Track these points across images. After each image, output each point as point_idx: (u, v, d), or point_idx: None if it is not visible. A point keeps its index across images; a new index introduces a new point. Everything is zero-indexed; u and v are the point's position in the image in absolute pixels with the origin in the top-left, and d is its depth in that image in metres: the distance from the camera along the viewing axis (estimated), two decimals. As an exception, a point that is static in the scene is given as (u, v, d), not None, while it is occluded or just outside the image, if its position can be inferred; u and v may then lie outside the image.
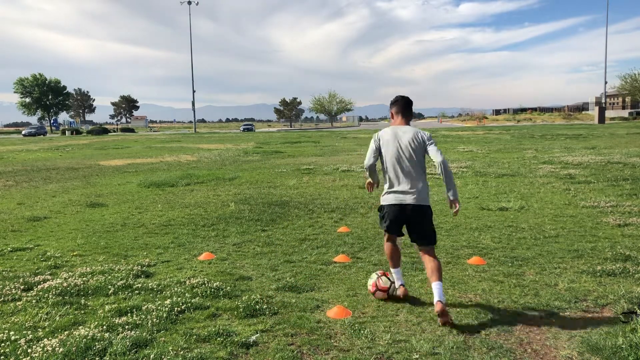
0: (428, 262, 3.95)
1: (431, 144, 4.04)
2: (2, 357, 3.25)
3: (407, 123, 4.17)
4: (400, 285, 4.21)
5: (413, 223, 4.03)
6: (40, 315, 3.95)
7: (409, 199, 3.95)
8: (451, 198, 3.97)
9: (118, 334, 3.52)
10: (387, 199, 4.08)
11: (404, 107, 4.17)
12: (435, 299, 3.71)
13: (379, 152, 4.12)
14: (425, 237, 4.03)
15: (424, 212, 4.00)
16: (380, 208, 4.19)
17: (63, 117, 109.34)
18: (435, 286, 3.78)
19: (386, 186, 4.10)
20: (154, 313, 3.90)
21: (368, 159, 4.16)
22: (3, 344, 3.40)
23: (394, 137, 4.05)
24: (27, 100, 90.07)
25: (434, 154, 3.99)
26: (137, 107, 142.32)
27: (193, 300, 4.16)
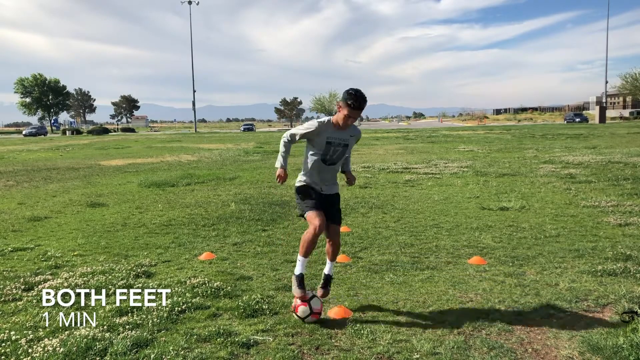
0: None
1: None
2: (3, 357, 3.26)
3: None
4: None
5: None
6: (41, 315, 3.95)
7: None
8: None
9: (119, 334, 3.52)
10: None
11: None
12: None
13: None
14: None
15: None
16: None
17: (64, 117, 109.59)
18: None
19: None
20: (154, 313, 3.90)
21: None
22: (4, 344, 3.40)
23: None
24: (28, 100, 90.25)
25: None
26: (137, 107, 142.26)
27: (194, 300, 4.16)
